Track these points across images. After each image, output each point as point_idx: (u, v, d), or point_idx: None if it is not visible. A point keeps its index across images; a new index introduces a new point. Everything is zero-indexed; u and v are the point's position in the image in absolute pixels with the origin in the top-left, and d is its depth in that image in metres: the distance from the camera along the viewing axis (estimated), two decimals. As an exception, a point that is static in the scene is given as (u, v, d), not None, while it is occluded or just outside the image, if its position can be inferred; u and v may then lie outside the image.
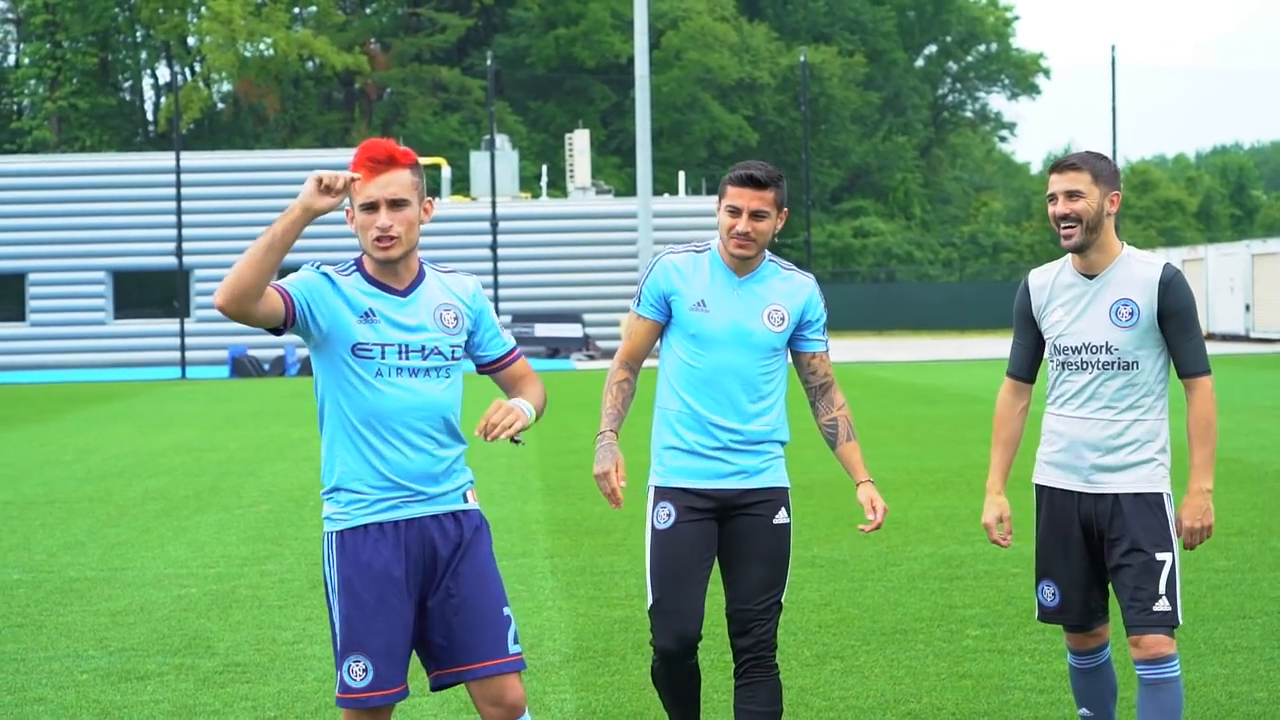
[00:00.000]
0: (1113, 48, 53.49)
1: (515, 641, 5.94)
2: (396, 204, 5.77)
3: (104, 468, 21.05)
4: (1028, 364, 6.89)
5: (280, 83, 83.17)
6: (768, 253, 6.81)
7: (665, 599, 6.65)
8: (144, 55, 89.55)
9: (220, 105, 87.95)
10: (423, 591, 5.84)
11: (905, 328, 74.77)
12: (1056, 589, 6.79)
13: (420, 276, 5.94)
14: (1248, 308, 58.90)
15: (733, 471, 6.68)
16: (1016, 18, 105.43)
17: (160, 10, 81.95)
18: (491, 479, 18.46)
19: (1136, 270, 6.65)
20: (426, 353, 5.84)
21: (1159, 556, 6.58)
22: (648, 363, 6.96)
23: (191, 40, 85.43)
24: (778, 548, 6.74)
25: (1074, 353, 6.68)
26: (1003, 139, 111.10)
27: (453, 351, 5.91)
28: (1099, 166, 6.63)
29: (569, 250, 55.97)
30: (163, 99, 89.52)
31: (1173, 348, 6.65)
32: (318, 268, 5.87)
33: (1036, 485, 6.85)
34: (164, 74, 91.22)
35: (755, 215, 6.62)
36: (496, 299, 50.31)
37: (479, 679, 5.86)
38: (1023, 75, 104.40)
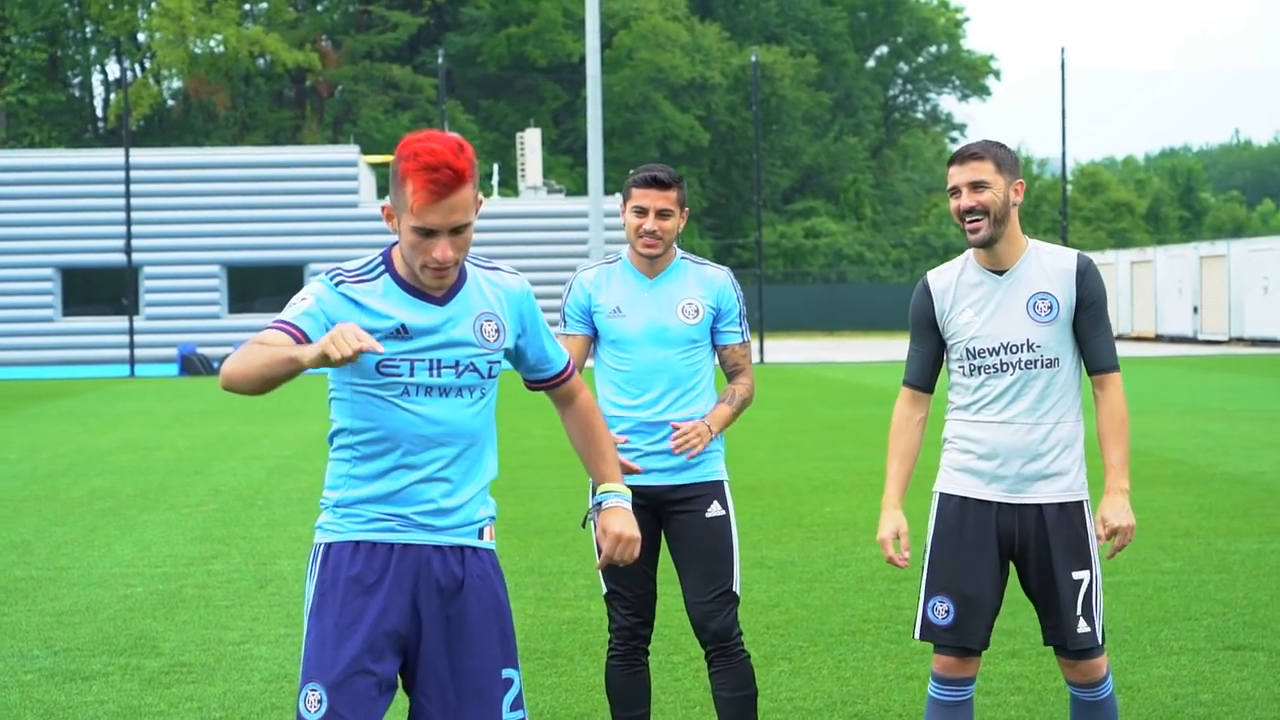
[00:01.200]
0: (1063, 50, 53.72)
1: (515, 708, 5.17)
2: (458, 230, 4.96)
3: (51, 466, 20.93)
4: (927, 373, 6.45)
5: (231, 79, 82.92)
6: (679, 250, 7.05)
7: (619, 584, 6.91)
8: (93, 51, 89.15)
9: (170, 102, 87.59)
10: (408, 633, 5.08)
11: (856, 328, 74.96)
12: (951, 606, 6.30)
13: (461, 279, 5.16)
14: (1195, 310, 59.21)
15: (664, 467, 6.85)
16: (967, 19, 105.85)
17: (110, 6, 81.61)
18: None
19: (1048, 262, 6.30)
20: (461, 369, 5.10)
21: (1076, 576, 6.25)
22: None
23: (141, 36, 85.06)
24: (716, 541, 6.86)
25: (991, 354, 6.27)
26: (954, 140, 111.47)
27: (490, 369, 5.17)
28: (1001, 155, 6.26)
29: (520, 250, 55.88)
30: (112, 95, 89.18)
31: (1085, 341, 6.28)
32: (334, 281, 5.06)
33: (942, 494, 6.40)
34: (113, 70, 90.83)
35: (660, 214, 6.86)
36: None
37: None
38: (973, 77, 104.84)
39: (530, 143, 62.77)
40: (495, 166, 68.26)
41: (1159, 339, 60.88)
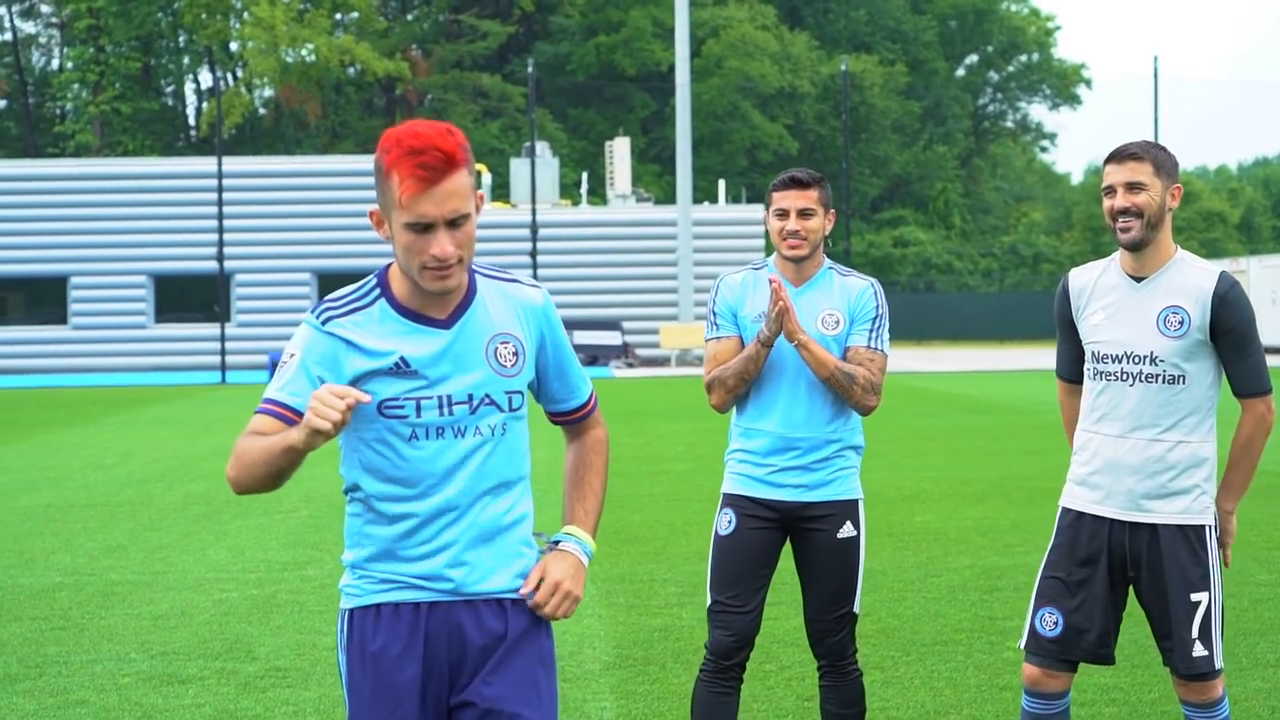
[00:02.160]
0: (1155, 59, 53.37)
1: None
2: (456, 222, 4.32)
3: (145, 471, 21.12)
4: (1078, 367, 6.36)
5: (321, 88, 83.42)
6: (827, 259, 6.89)
7: (724, 599, 6.76)
8: (186, 60, 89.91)
9: (262, 111, 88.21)
10: (446, 700, 4.50)
11: (944, 337, 74.62)
12: (1061, 618, 6.20)
13: (469, 296, 4.51)
14: (1290, 320, 58.56)
15: (796, 484, 6.71)
16: (1058, 28, 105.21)
17: (203, 15, 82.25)
18: (531, 486, 18.45)
19: (1190, 276, 6.08)
20: (475, 404, 4.46)
21: (1194, 598, 6.11)
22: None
23: (234, 45, 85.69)
24: (843, 562, 6.74)
25: (1114, 361, 6.13)
26: (1043, 149, 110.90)
27: (510, 400, 4.51)
28: (1160, 157, 6.08)
29: (608, 258, 55.98)
30: (204, 104, 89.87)
31: (1227, 364, 6.11)
32: (321, 320, 4.47)
33: (1064, 508, 6.32)
34: (206, 79, 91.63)
35: (802, 214, 6.72)
36: (536, 306, 50.31)
37: None
38: (1064, 86, 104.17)
39: (619, 151, 62.83)
40: (584, 175, 68.38)
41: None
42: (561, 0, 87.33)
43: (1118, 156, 6.09)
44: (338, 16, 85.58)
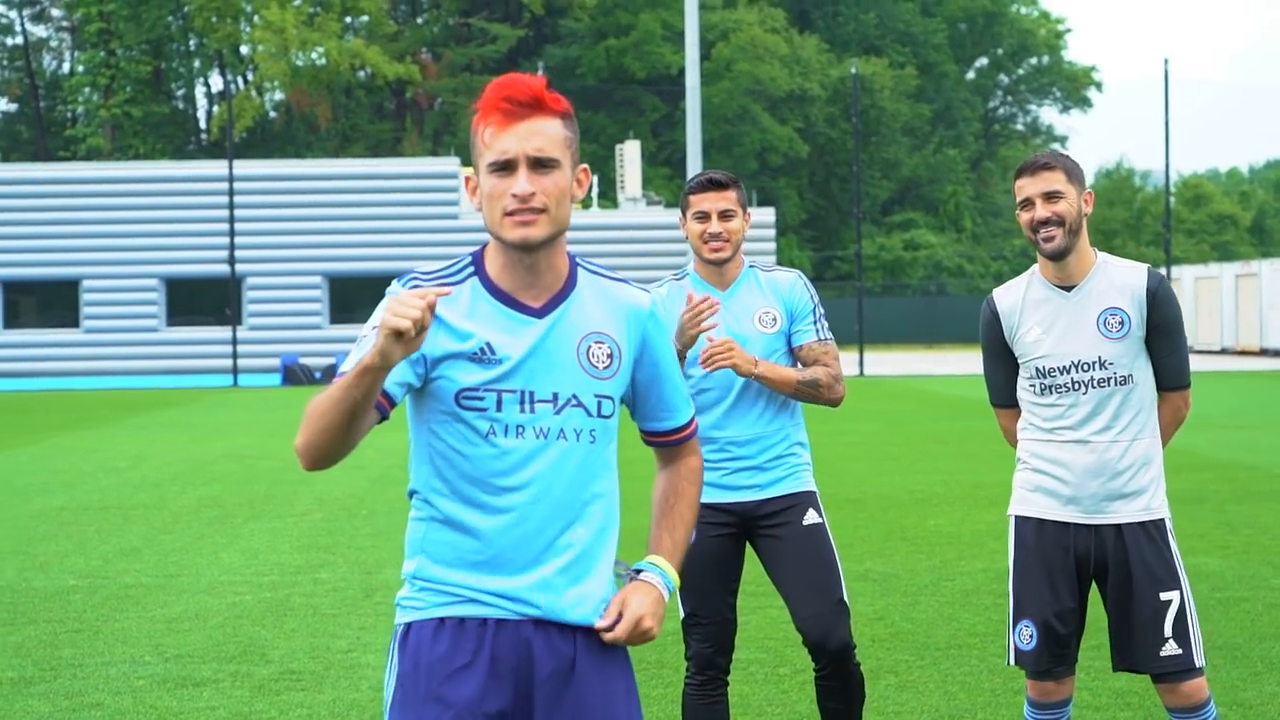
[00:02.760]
0: (1166, 61, 53.29)
1: None
2: (542, 164, 4.01)
3: (158, 474, 21.15)
4: (1013, 391, 6.35)
5: (332, 92, 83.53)
6: (746, 258, 6.82)
7: (697, 611, 6.68)
8: (197, 64, 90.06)
9: (272, 114, 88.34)
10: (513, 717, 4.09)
11: (956, 341, 74.59)
12: (1035, 631, 6.16)
13: (568, 287, 4.16)
14: (1301, 323, 58.55)
15: (751, 484, 6.64)
16: (1069, 30, 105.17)
17: (213, 19, 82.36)
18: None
19: (1119, 276, 6.12)
20: (560, 404, 4.08)
21: (1164, 596, 6.05)
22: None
23: (244, 49, 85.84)
24: (818, 548, 6.60)
25: (1062, 373, 6.11)
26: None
27: (600, 406, 4.14)
28: (1070, 165, 6.12)
29: (620, 261, 55.97)
30: (215, 107, 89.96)
31: (1157, 359, 6.13)
32: (408, 286, 4.05)
33: (1018, 517, 6.25)
34: (216, 83, 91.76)
35: (723, 215, 6.65)
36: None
37: None
38: (1074, 88, 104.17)
39: (629, 155, 62.87)
40: (594, 179, 68.36)
41: (1264, 353, 60.21)
42: (571, 4, 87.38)
43: (1030, 169, 6.10)
44: (348, 20, 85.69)
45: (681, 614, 6.73)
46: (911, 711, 8.61)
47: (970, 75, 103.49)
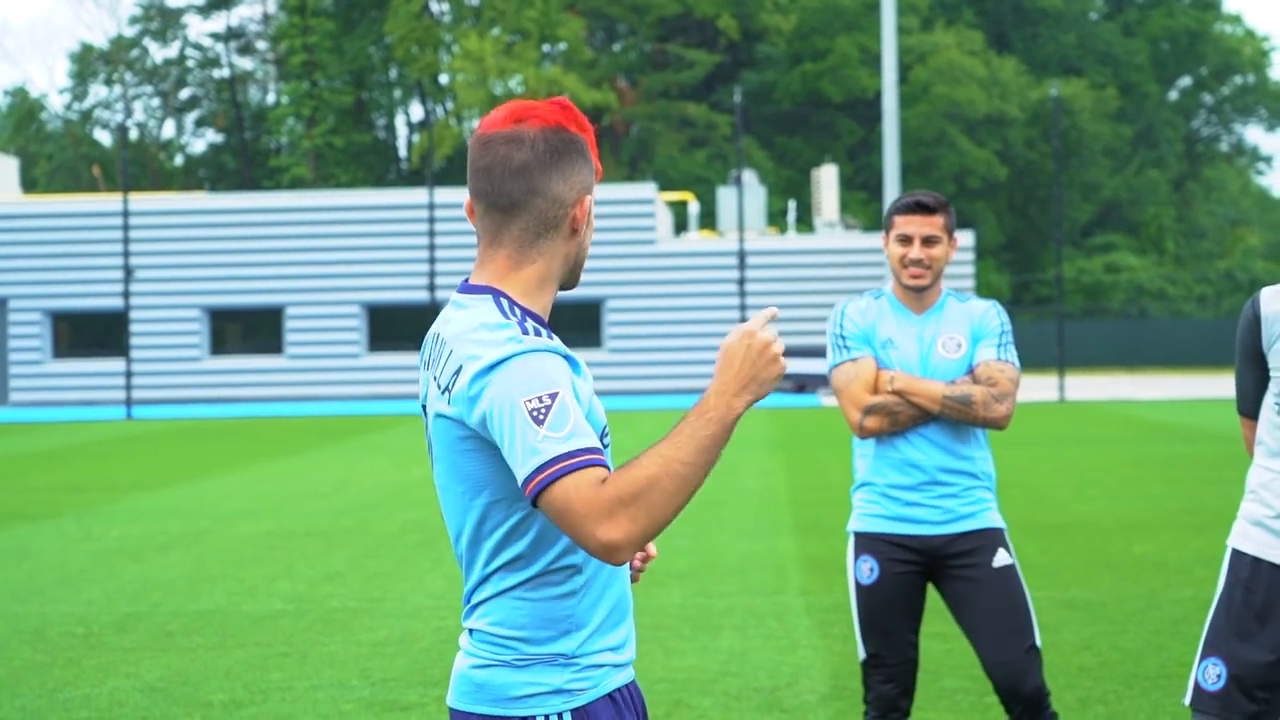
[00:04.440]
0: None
1: None
2: None
3: (361, 499, 21.42)
4: (1260, 402, 5.68)
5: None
6: (945, 285, 6.60)
7: (881, 651, 6.48)
8: (397, 93, 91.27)
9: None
10: None
11: (1159, 364, 73.43)
12: (1224, 671, 5.53)
13: None
14: None
15: (939, 518, 6.41)
16: (1274, 49, 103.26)
17: (414, 49, 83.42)
18: (743, 516, 18.47)
19: None
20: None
21: None
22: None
23: (444, 78, 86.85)
24: (1010, 591, 6.37)
25: None
26: (1260, 173, 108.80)
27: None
28: None
29: (816, 285, 55.81)
30: (415, 136, 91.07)
31: None
32: (549, 338, 3.64)
33: (1234, 550, 5.63)
34: (416, 112, 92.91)
35: (927, 241, 6.42)
36: (743, 334, 50.32)
37: None
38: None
39: (826, 179, 62.69)
40: (791, 203, 68.30)
41: None
42: (768, 28, 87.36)
43: None
44: (545, 48, 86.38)
45: (862, 655, 6.55)
46: (1122, 743, 8.48)
47: (1173, 95, 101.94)
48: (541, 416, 3.49)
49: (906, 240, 6.45)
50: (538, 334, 3.60)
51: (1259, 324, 5.61)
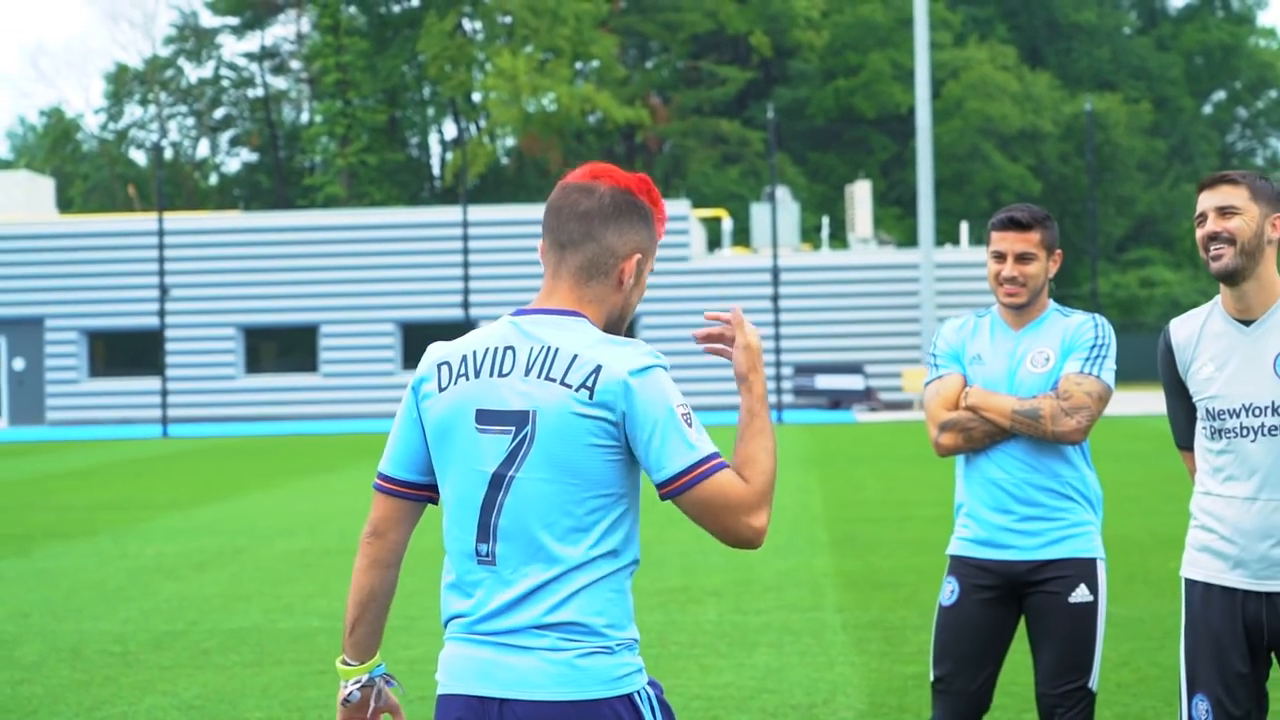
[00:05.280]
0: None
1: None
2: None
3: (396, 517, 21.40)
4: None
5: (563, 137, 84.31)
6: (1052, 302, 6.44)
7: (945, 676, 6.36)
8: (430, 112, 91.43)
9: (504, 160, 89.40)
10: None
11: (1194, 379, 73.16)
12: (1209, 706, 5.53)
13: None
14: None
15: (1024, 543, 6.26)
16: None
17: (447, 67, 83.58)
18: (777, 533, 18.43)
19: None
20: None
21: None
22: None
23: (476, 96, 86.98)
24: (1076, 629, 6.25)
25: (1231, 416, 5.47)
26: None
27: None
28: (1258, 184, 5.50)
29: (850, 302, 55.77)
30: (449, 154, 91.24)
31: None
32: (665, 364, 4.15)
33: (1187, 579, 5.65)
34: (450, 130, 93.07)
35: (1021, 258, 6.27)
36: (778, 350, 50.32)
37: None
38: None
39: (859, 195, 62.63)
40: (825, 219, 68.24)
41: None
42: (800, 45, 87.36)
43: (1210, 183, 5.58)
44: (578, 65, 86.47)
45: (931, 676, 6.45)
46: (1161, 759, 8.44)
47: (1207, 109, 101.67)
48: (690, 421, 4.02)
49: (1000, 257, 6.31)
50: (657, 356, 4.10)
51: (1172, 354, 5.68)
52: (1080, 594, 6.27)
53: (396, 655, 11.57)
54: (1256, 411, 5.46)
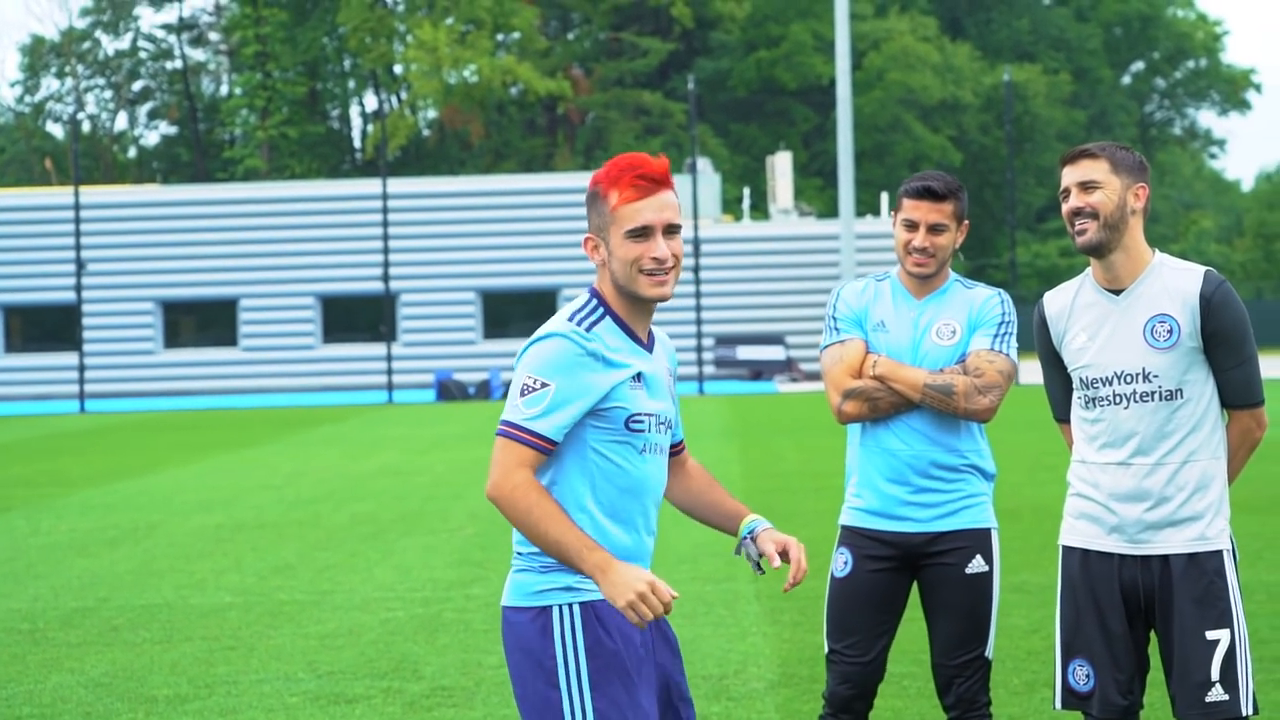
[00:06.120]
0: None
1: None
2: (671, 230, 4.80)
3: (313, 491, 21.34)
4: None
5: (484, 109, 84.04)
6: (953, 273, 6.39)
7: (840, 648, 6.31)
8: (351, 84, 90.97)
9: (425, 132, 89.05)
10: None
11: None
12: (1091, 670, 5.57)
13: (650, 330, 4.94)
14: None
15: (921, 515, 6.20)
16: (1227, 33, 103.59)
17: (367, 39, 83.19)
18: (695, 503, 18.40)
19: (1172, 280, 5.55)
20: (664, 425, 4.86)
21: (1211, 635, 5.45)
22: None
23: (397, 68, 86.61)
24: (973, 600, 6.21)
25: (1104, 384, 5.54)
26: (1213, 156, 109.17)
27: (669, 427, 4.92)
28: (1119, 155, 5.56)
29: (771, 273, 55.87)
30: (369, 127, 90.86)
31: (1218, 374, 5.51)
32: (586, 330, 4.73)
33: (1064, 546, 5.68)
34: (370, 102, 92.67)
35: (933, 229, 6.20)
36: (699, 321, 50.35)
37: None
38: (1233, 91, 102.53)
39: (780, 166, 62.71)
40: (746, 190, 68.26)
41: None
42: (721, 16, 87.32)
43: (1071, 158, 5.65)
44: (499, 37, 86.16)
45: (826, 648, 6.40)
46: (1068, 726, 8.47)
47: (1126, 80, 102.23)
48: (526, 391, 4.68)
49: (912, 226, 6.23)
50: (578, 323, 4.71)
51: (1047, 327, 5.76)
52: (976, 564, 6.21)
53: (307, 630, 11.49)
54: (1128, 379, 5.52)
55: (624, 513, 4.79)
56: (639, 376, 4.75)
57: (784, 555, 4.98)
